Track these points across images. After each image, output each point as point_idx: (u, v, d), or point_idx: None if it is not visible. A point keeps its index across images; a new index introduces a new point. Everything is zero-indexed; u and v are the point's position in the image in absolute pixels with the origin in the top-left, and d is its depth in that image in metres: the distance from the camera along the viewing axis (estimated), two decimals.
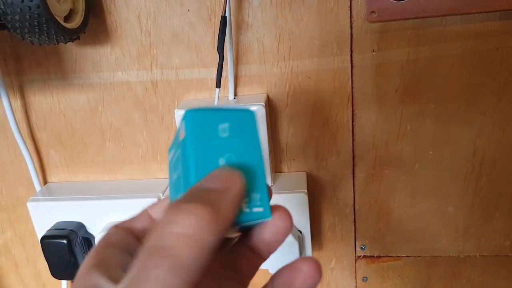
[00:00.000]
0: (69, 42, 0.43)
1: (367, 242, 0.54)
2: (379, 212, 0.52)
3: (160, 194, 0.49)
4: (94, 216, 0.50)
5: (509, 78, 0.44)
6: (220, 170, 0.20)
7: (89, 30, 0.46)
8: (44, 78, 0.50)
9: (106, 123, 0.52)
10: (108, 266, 0.19)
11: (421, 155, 0.49)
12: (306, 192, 0.47)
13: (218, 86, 0.45)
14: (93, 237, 0.51)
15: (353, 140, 0.49)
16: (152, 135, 0.52)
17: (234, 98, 0.48)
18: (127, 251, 0.21)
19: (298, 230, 0.49)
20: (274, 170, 0.51)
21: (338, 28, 0.44)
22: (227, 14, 0.43)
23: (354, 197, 0.52)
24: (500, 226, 0.51)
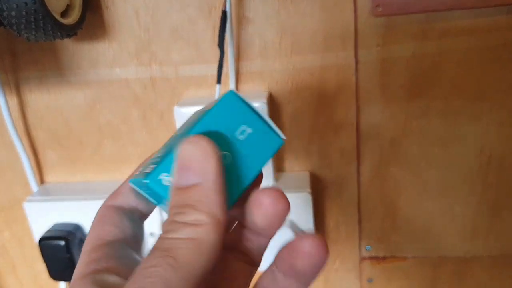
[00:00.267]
0: (66, 38, 0.42)
1: (372, 242, 0.53)
2: (385, 211, 0.51)
3: None
4: (92, 216, 0.49)
5: None
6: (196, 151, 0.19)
7: (86, 26, 0.45)
8: (40, 75, 0.49)
9: (104, 121, 0.51)
10: (103, 268, 0.20)
11: (427, 153, 0.48)
12: (310, 191, 0.47)
13: (219, 82, 0.44)
14: None
15: (357, 137, 0.48)
16: (151, 133, 0.50)
17: None
18: (122, 238, 0.22)
19: (302, 230, 0.48)
20: (276, 169, 0.50)
21: (342, 22, 0.43)
22: (228, 8, 0.42)
23: (358, 196, 0.51)
24: (508, 225, 0.50)
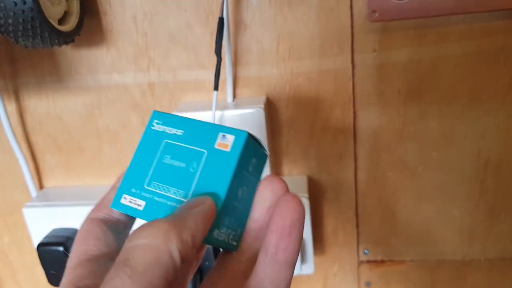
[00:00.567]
0: (63, 45, 0.42)
1: (371, 246, 0.53)
2: (383, 215, 0.51)
3: None
4: None
5: None
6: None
7: (84, 32, 0.45)
8: (39, 81, 0.50)
9: (103, 126, 0.51)
10: (87, 286, 0.20)
11: (424, 157, 0.48)
12: (308, 196, 0.47)
13: (216, 88, 0.44)
14: None
15: (355, 142, 0.48)
16: None
17: (233, 101, 0.47)
18: (107, 253, 0.22)
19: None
20: (274, 174, 0.50)
21: (339, 28, 0.43)
22: (225, 14, 0.42)
23: (356, 200, 0.51)
24: (505, 228, 0.50)
